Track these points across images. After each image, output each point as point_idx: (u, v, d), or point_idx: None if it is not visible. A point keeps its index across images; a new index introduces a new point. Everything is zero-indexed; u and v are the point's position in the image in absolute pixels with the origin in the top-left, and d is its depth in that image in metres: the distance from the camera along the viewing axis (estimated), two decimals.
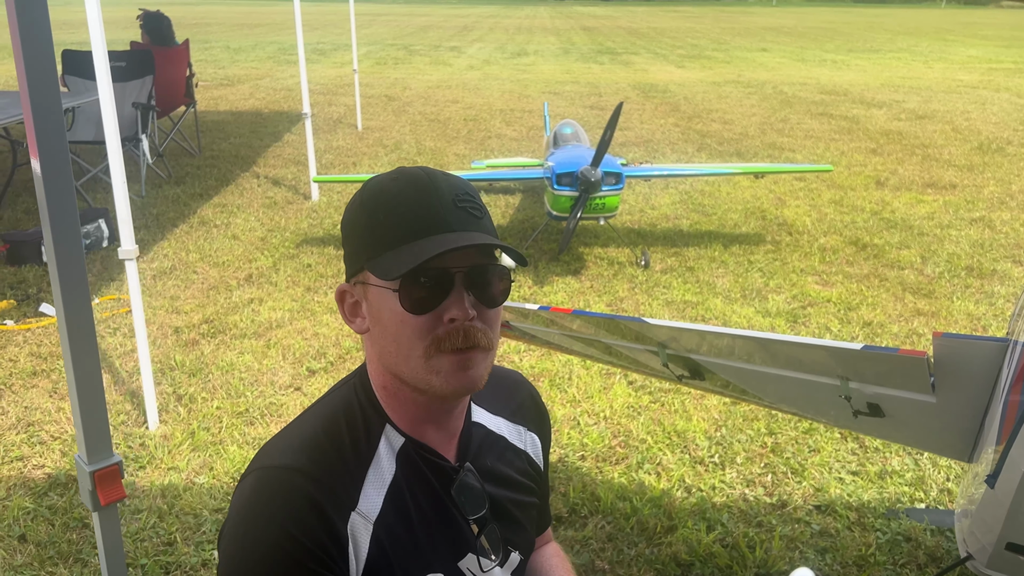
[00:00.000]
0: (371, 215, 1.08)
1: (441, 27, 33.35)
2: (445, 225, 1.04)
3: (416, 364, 1.06)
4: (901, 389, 1.88)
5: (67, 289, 1.14)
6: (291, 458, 1.07)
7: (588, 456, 3.16)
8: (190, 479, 2.97)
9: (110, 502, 1.22)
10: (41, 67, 1.08)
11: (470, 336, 1.05)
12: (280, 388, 3.66)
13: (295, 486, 1.03)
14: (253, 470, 1.09)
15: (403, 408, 1.13)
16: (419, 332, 1.05)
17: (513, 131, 10.22)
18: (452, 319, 1.04)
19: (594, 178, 4.73)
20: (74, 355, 1.16)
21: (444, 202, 1.06)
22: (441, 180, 1.08)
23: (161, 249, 5.44)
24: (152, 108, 7.09)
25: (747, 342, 2.11)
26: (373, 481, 1.10)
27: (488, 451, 1.25)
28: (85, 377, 1.18)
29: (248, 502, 1.04)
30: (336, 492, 1.06)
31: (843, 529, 2.74)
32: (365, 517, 1.07)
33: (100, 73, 2.94)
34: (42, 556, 2.55)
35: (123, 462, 2.95)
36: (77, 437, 1.22)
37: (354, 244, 1.11)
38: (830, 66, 19.40)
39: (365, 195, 1.10)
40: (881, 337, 4.28)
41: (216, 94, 12.84)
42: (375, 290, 1.08)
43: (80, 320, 1.16)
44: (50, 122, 1.10)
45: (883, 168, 8.25)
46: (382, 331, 1.09)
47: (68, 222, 1.15)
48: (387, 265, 1.04)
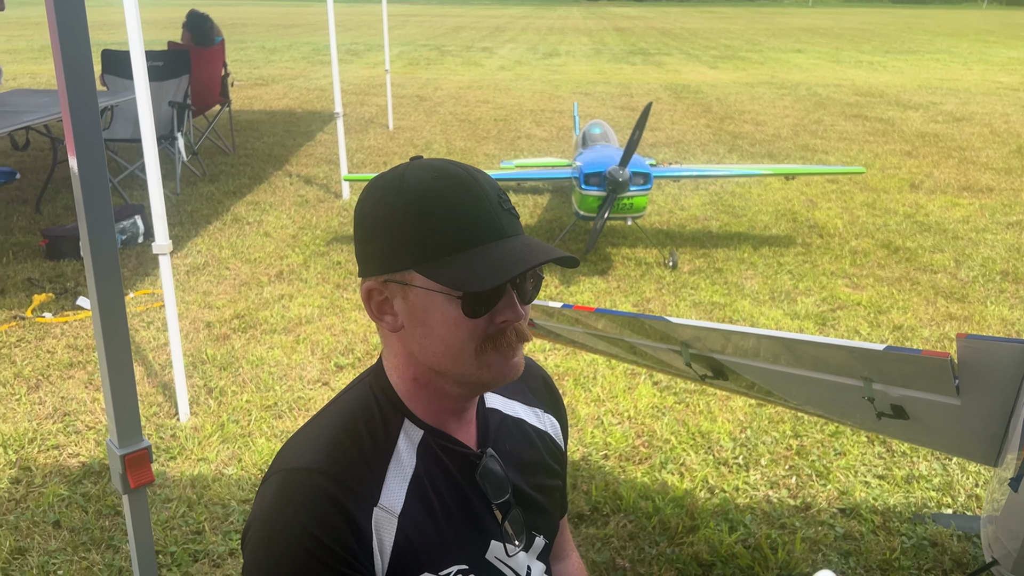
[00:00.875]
0: (420, 217, 1.06)
1: (474, 28, 33.45)
2: (500, 230, 1.06)
3: (467, 361, 1.09)
4: (925, 391, 1.87)
5: (101, 281, 1.18)
6: (311, 459, 1.09)
7: (611, 455, 3.17)
8: (219, 470, 3.03)
9: (139, 485, 1.26)
10: (79, 67, 1.12)
11: (522, 334, 1.10)
12: (308, 383, 3.71)
13: (316, 487, 1.05)
14: (274, 472, 1.11)
15: (429, 401, 1.15)
16: (473, 333, 1.07)
17: (543, 131, 10.23)
18: (505, 320, 1.08)
19: (622, 178, 4.73)
20: (107, 344, 1.20)
21: (492, 205, 1.07)
22: (483, 180, 1.09)
23: (195, 245, 5.54)
24: (188, 107, 7.21)
25: (771, 342, 2.11)
26: (395, 475, 1.12)
27: (507, 435, 1.27)
28: (117, 366, 1.22)
29: (271, 505, 1.06)
30: (357, 490, 1.07)
31: (867, 533, 2.72)
32: (389, 512, 1.09)
33: (137, 73, 3.01)
34: (75, 542, 2.61)
35: (152, 448, 3.01)
36: (109, 423, 1.26)
37: (393, 244, 1.08)
38: (866, 67, 19.15)
39: (405, 195, 1.07)
40: (911, 341, 4.23)
41: (251, 93, 13.01)
42: (421, 292, 1.07)
43: (113, 311, 1.20)
44: (87, 121, 1.14)
45: (918, 171, 8.14)
46: (425, 331, 1.09)
47: (103, 218, 1.19)
48: (453, 273, 1.03)
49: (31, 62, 16.85)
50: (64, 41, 1.09)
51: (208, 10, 8.47)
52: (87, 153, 1.16)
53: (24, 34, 23.51)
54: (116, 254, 1.18)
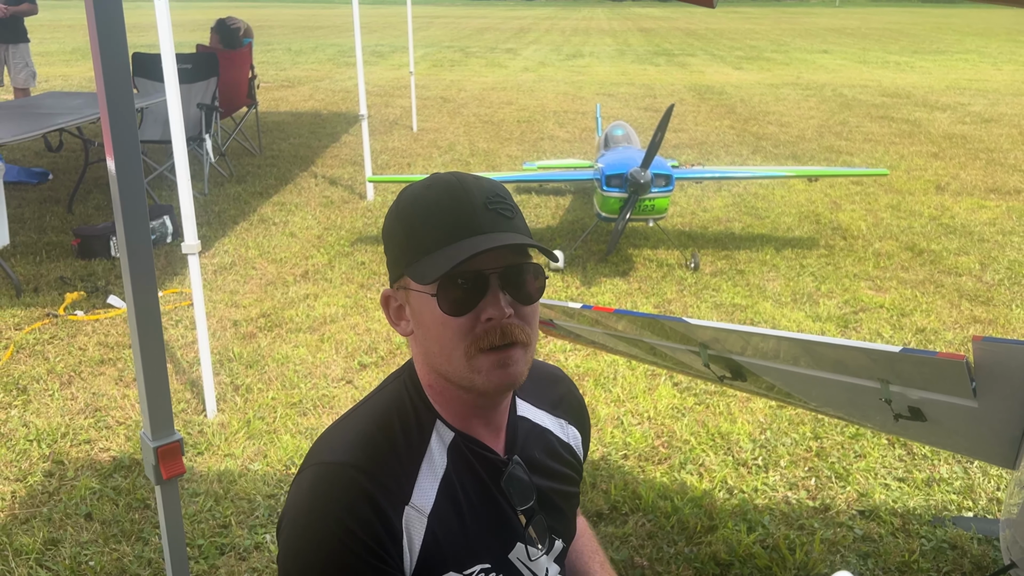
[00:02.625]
0: (407, 222, 1.13)
1: (498, 29, 33.53)
2: (477, 228, 1.09)
3: (458, 364, 1.11)
4: (942, 393, 1.87)
5: (136, 279, 1.23)
6: (347, 454, 1.12)
7: (631, 455, 3.20)
8: (245, 466, 3.09)
9: (171, 476, 1.31)
10: (117, 70, 1.17)
11: (507, 333, 1.10)
12: (333, 381, 3.77)
13: (352, 481, 1.08)
14: (310, 465, 1.14)
15: (450, 405, 1.18)
16: (459, 333, 1.10)
17: (566, 133, 10.26)
18: (489, 318, 1.09)
19: (643, 180, 4.75)
20: (141, 340, 1.25)
21: (475, 205, 1.10)
22: (472, 184, 1.13)
23: (222, 245, 5.63)
24: (216, 109, 7.32)
25: (789, 344, 2.13)
26: (426, 474, 1.14)
27: (534, 444, 1.29)
28: (151, 361, 1.27)
29: (307, 497, 1.10)
30: (390, 487, 1.10)
31: (886, 535, 2.73)
32: (419, 511, 1.12)
33: (168, 76, 3.08)
34: (106, 534, 2.69)
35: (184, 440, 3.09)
36: (142, 416, 1.32)
37: (394, 251, 1.16)
38: (893, 68, 18.97)
39: (401, 204, 1.15)
40: (934, 344, 4.21)
41: (277, 95, 13.16)
42: (415, 295, 1.13)
43: (147, 308, 1.25)
44: (125, 123, 1.19)
45: (944, 172, 8.07)
46: (425, 333, 1.14)
47: (138, 218, 1.24)
48: (424, 270, 1.09)
49: (63, 64, 17.15)
50: (103, 45, 1.13)
51: (236, 12, 8.60)
52: (124, 155, 1.20)
53: (56, 36, 23.93)
54: (151, 252, 1.23)
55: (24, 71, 7.95)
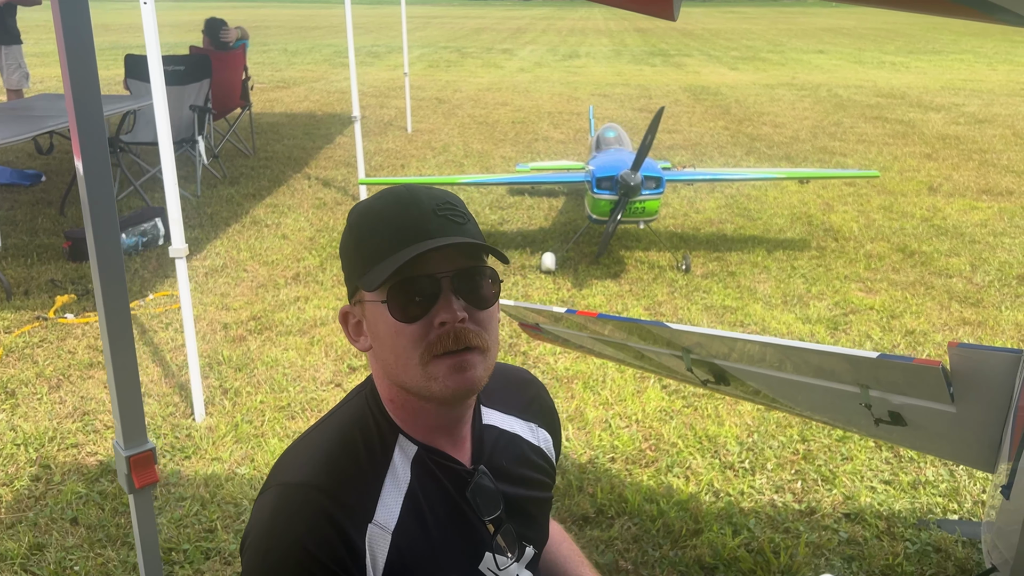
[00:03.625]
0: (357, 234, 1.14)
1: (495, 29, 33.53)
2: (425, 233, 1.09)
3: (414, 372, 1.10)
4: (920, 398, 1.88)
5: (106, 284, 1.23)
6: (308, 474, 1.12)
7: (618, 458, 3.20)
8: (232, 469, 3.09)
9: (144, 485, 1.31)
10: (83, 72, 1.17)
11: (461, 338, 1.09)
12: (321, 384, 3.77)
13: (313, 503, 1.09)
14: (272, 486, 1.14)
15: (413, 418, 1.18)
16: (412, 340, 1.09)
17: (561, 134, 10.26)
18: (443, 323, 1.09)
19: (634, 182, 4.76)
20: (113, 347, 1.25)
21: (424, 211, 1.11)
22: (422, 192, 1.14)
23: (214, 247, 5.63)
24: (208, 111, 7.32)
25: (771, 349, 2.13)
26: (390, 490, 1.14)
27: (503, 451, 1.29)
28: (123, 368, 1.27)
29: (268, 518, 1.10)
30: (353, 505, 1.11)
31: (871, 538, 2.73)
32: (383, 528, 1.12)
33: (154, 77, 3.08)
34: (92, 539, 2.69)
35: (168, 447, 3.08)
36: (115, 424, 1.32)
37: (347, 265, 1.17)
38: (888, 68, 18.99)
39: (352, 218, 1.16)
40: (923, 346, 4.22)
41: (272, 96, 13.15)
42: (370, 306, 1.13)
43: (118, 314, 1.25)
44: (92, 125, 1.18)
45: (937, 173, 8.08)
46: (380, 345, 1.14)
47: (108, 222, 1.24)
48: (373, 277, 1.09)
49: (59, 65, 17.10)
50: (70, 46, 1.13)
51: (234, 12, 8.58)
52: (93, 158, 1.20)
53: (53, 37, 23.86)
54: (121, 257, 1.23)
55: (17, 72, 7.93)
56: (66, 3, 1.14)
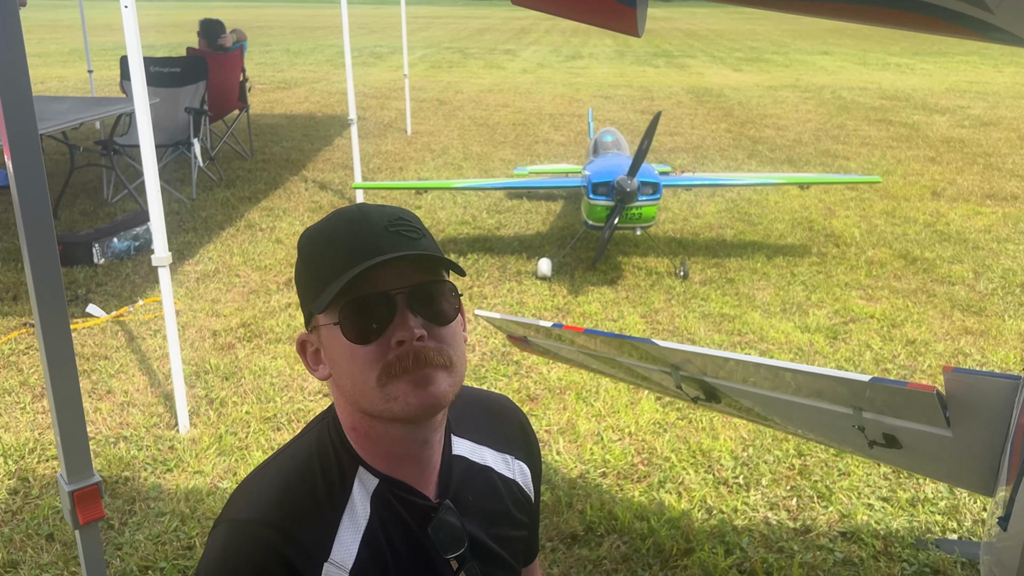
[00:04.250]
0: (308, 257, 1.09)
1: (498, 30, 33.47)
2: (376, 250, 1.03)
3: (372, 395, 1.04)
4: (915, 422, 1.81)
5: (44, 303, 1.16)
6: (261, 510, 1.06)
7: (609, 473, 3.13)
8: (214, 483, 3.02)
9: (89, 521, 1.24)
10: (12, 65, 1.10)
11: (421, 357, 1.03)
12: (309, 394, 3.70)
13: (263, 542, 1.03)
14: (223, 521, 1.08)
15: (375, 447, 1.11)
16: (369, 362, 1.03)
17: (561, 136, 10.19)
18: (400, 342, 1.02)
19: (630, 188, 4.68)
20: (52, 375, 1.19)
21: (375, 228, 1.05)
22: (373, 210, 1.08)
23: (206, 252, 5.57)
24: (204, 113, 7.26)
25: (763, 368, 2.06)
26: (348, 527, 1.08)
27: (471, 484, 1.22)
28: (64, 397, 1.20)
29: (218, 557, 1.04)
30: (307, 544, 1.05)
31: (868, 558, 2.66)
32: (339, 567, 1.06)
33: (136, 79, 3.01)
34: (67, 556, 2.62)
35: (149, 460, 3.00)
36: (58, 456, 1.25)
37: (301, 291, 1.11)
38: (893, 70, 18.88)
39: (303, 242, 1.10)
40: (924, 356, 4.13)
41: (272, 97, 13.10)
42: (324, 330, 1.07)
43: (57, 335, 1.18)
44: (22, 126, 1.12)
45: (941, 178, 7.98)
46: (337, 370, 1.08)
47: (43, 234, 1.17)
48: (323, 299, 1.03)
49: (60, 66, 17.11)
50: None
51: (236, 13, 8.54)
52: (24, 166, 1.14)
53: (55, 37, 23.90)
54: (59, 278, 1.16)
55: None
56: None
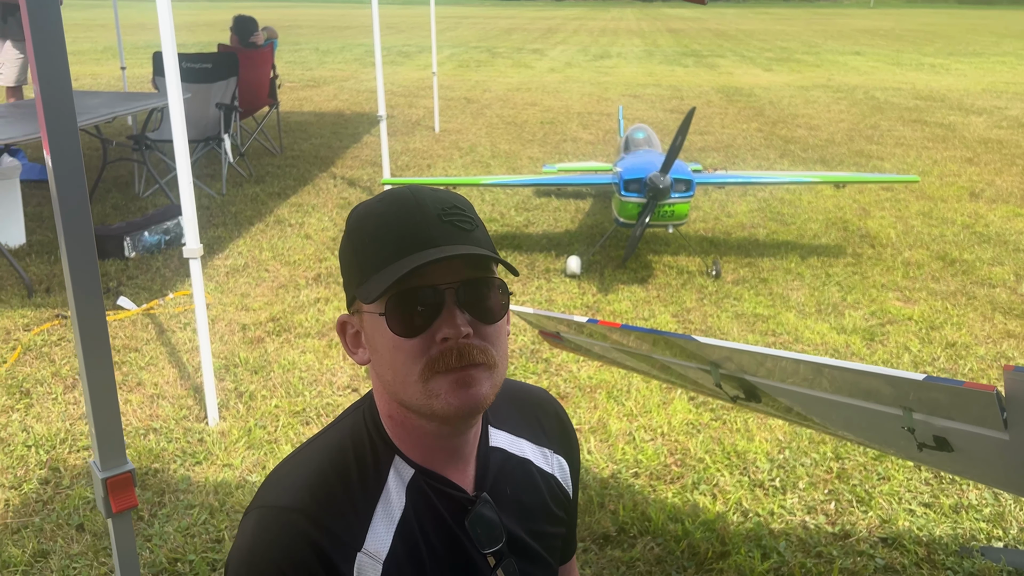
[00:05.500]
0: (356, 240, 1.05)
1: (525, 29, 33.43)
2: (428, 241, 1.00)
3: (414, 389, 1.02)
4: (969, 423, 1.74)
5: (80, 295, 1.14)
6: (294, 497, 1.04)
7: (642, 473, 3.07)
8: (243, 477, 3.01)
9: (122, 510, 1.21)
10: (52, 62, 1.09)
11: (465, 354, 1.00)
12: (338, 389, 3.68)
13: (296, 529, 1.01)
14: (255, 508, 1.06)
15: (412, 438, 1.09)
16: (412, 355, 1.00)
17: (589, 134, 10.12)
18: (445, 338, 1.00)
19: (663, 185, 4.61)
20: (87, 361, 1.16)
21: (428, 217, 1.02)
22: (427, 196, 1.04)
23: (236, 247, 5.58)
24: (235, 109, 7.29)
25: (806, 367, 1.99)
26: (382, 517, 1.06)
27: (509, 478, 1.18)
28: (99, 383, 1.18)
29: (249, 543, 1.03)
30: (340, 533, 1.03)
31: (910, 565, 2.58)
32: (373, 557, 1.04)
33: (170, 76, 3.01)
34: (97, 546, 2.62)
35: (179, 452, 3.00)
36: (91, 443, 1.22)
37: (346, 272, 1.08)
38: (928, 70, 18.58)
39: (351, 222, 1.07)
40: (965, 359, 4.03)
41: (301, 95, 13.16)
42: (368, 317, 1.05)
43: (93, 324, 1.16)
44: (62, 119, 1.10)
45: (979, 179, 7.82)
46: (379, 359, 1.05)
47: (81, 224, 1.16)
48: (370, 288, 1.00)
49: (94, 63, 17.33)
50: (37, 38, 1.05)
51: (266, 12, 8.58)
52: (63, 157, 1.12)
53: (89, 35, 24.23)
54: (96, 265, 1.14)
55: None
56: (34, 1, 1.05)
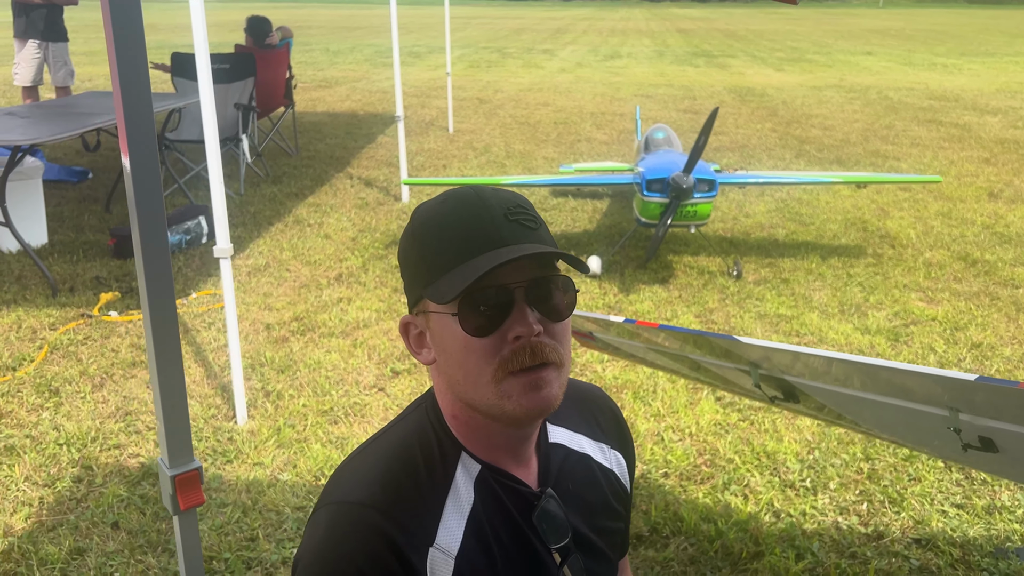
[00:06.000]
0: (422, 241, 1.05)
1: (534, 30, 33.42)
2: (498, 240, 1.01)
3: (486, 390, 1.02)
4: (1019, 424, 1.73)
5: (153, 291, 1.15)
6: (365, 493, 1.04)
7: (672, 474, 3.07)
8: (274, 476, 3.02)
9: (189, 507, 1.22)
10: (133, 68, 1.09)
11: (538, 353, 1.01)
12: (364, 388, 3.69)
13: (370, 523, 1.01)
14: (327, 504, 1.06)
15: (477, 436, 1.09)
16: (485, 355, 1.01)
17: (603, 135, 10.12)
18: (517, 337, 1.00)
19: (686, 184, 4.61)
20: (158, 358, 1.17)
21: (495, 217, 1.02)
22: (491, 195, 1.05)
23: (256, 247, 5.60)
24: (252, 109, 7.31)
25: (848, 367, 1.99)
26: (452, 512, 1.06)
27: (570, 474, 1.19)
28: (169, 380, 1.18)
29: (323, 540, 1.02)
30: (413, 528, 1.03)
31: (945, 567, 2.57)
32: (445, 552, 1.04)
33: (202, 75, 3.02)
34: (132, 544, 2.63)
35: (209, 451, 3.01)
36: (159, 440, 1.23)
37: (411, 273, 1.08)
38: (940, 70, 18.51)
39: (415, 222, 1.08)
40: (991, 360, 4.01)
41: (314, 95, 13.19)
42: (436, 317, 1.04)
43: (165, 323, 1.16)
44: (141, 121, 1.11)
45: (997, 179, 7.79)
46: (447, 359, 1.05)
47: (155, 226, 1.16)
48: (442, 289, 1.00)
49: (107, 64, 17.38)
50: (119, 42, 1.06)
51: (275, 12, 8.60)
52: (140, 155, 1.13)
53: (100, 36, 24.27)
54: (169, 266, 1.15)
55: (63, 70, 8.01)
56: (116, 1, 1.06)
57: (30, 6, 7.71)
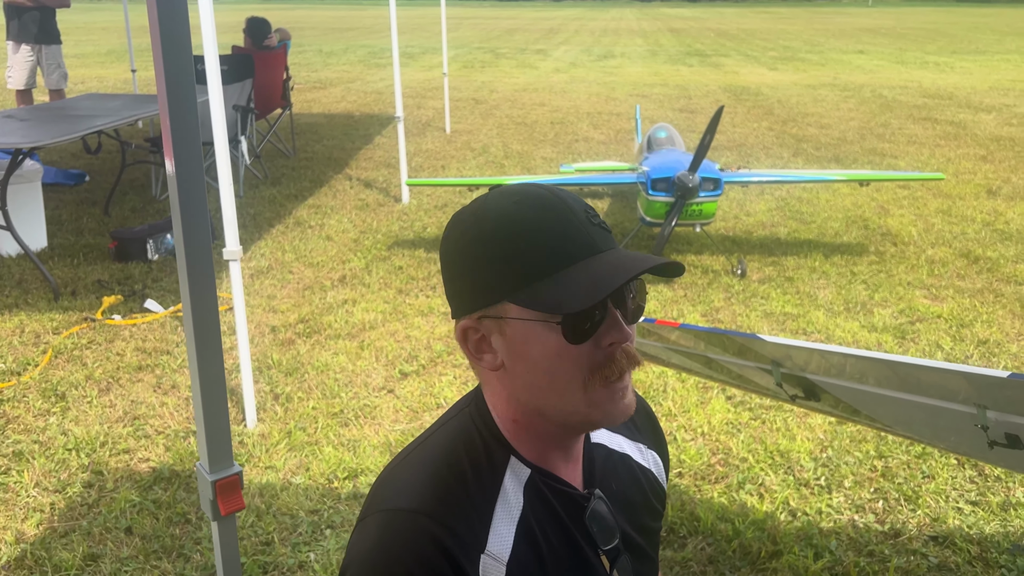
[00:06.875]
0: (506, 244, 1.00)
1: (527, 30, 33.42)
2: (592, 246, 0.99)
3: (573, 397, 1.00)
4: None
5: (196, 292, 1.14)
6: (415, 499, 1.01)
7: (686, 473, 3.06)
8: (287, 479, 3.00)
9: (230, 512, 1.21)
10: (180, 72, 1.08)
11: (632, 358, 1.00)
12: (373, 390, 3.67)
13: (424, 530, 0.98)
14: (375, 512, 1.03)
15: (531, 439, 1.07)
16: (578, 362, 0.99)
17: (600, 134, 10.12)
18: (611, 343, 0.98)
19: (692, 184, 4.61)
20: (201, 367, 1.15)
21: (580, 221, 1.00)
22: (567, 196, 1.02)
23: (258, 249, 5.57)
24: (251, 110, 7.28)
25: (872, 365, 1.98)
26: (502, 517, 1.04)
27: (613, 474, 1.17)
28: (210, 384, 1.17)
29: (374, 548, 0.99)
30: (464, 535, 1.00)
31: (964, 564, 2.57)
32: (496, 559, 1.01)
33: (211, 77, 3.00)
34: (147, 549, 2.61)
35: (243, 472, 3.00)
36: (199, 445, 1.22)
37: (484, 276, 1.02)
38: (932, 68, 18.59)
39: (486, 224, 1.01)
40: (998, 357, 4.02)
41: (310, 96, 13.14)
42: (518, 323, 1.00)
43: (207, 324, 1.15)
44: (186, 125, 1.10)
45: (995, 176, 7.82)
46: (529, 366, 1.01)
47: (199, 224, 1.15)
48: (548, 297, 0.96)
49: (99, 66, 17.31)
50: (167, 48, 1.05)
51: (269, 13, 8.56)
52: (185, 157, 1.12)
53: (91, 39, 24.19)
54: (212, 269, 1.13)
55: (56, 72, 7.96)
56: (163, 2, 1.04)
57: (22, 9, 7.66)
